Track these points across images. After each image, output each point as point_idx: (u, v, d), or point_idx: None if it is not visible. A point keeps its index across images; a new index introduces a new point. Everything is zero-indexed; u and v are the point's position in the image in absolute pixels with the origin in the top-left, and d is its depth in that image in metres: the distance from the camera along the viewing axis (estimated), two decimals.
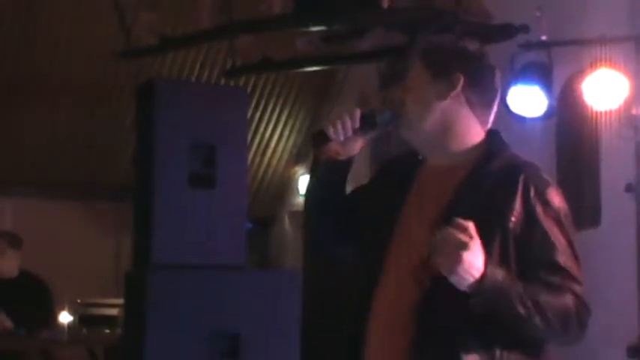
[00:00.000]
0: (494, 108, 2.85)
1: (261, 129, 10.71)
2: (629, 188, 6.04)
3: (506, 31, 6.37)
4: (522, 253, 2.61)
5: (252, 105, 10.22)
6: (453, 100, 2.75)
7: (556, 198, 2.68)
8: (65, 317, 7.70)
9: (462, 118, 2.76)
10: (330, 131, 2.79)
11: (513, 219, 2.61)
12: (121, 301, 6.59)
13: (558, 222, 2.65)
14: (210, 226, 5.09)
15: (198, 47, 9.33)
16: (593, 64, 5.99)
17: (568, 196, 2.86)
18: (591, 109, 6.16)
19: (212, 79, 9.67)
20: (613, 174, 6.51)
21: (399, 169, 2.87)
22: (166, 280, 4.93)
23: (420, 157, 2.85)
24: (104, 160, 10.04)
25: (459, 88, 2.74)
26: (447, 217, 2.57)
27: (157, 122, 5.06)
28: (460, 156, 2.76)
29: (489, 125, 2.84)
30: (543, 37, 6.21)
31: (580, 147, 7.02)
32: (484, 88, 2.80)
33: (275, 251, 11.45)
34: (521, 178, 2.65)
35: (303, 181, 11.06)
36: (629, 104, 6.01)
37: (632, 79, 5.96)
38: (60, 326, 7.67)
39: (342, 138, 2.81)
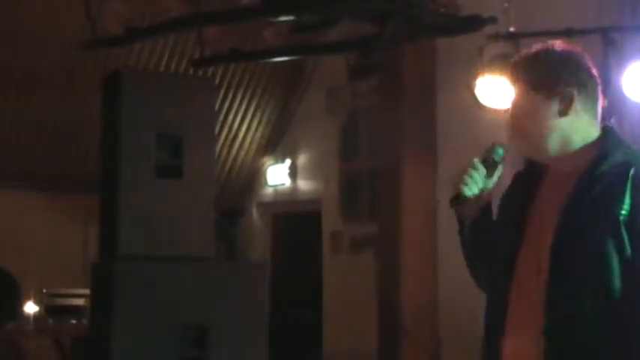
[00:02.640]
0: (600, 97, 2.97)
1: (230, 120, 10.67)
2: None
3: (475, 23, 6.37)
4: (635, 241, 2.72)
5: (221, 96, 10.18)
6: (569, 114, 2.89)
7: None
8: (31, 307, 7.66)
9: (578, 126, 2.89)
10: (466, 191, 2.94)
11: (624, 212, 2.73)
12: (87, 291, 6.56)
13: None
14: (178, 216, 5.06)
15: (167, 37, 9.28)
16: None
17: None
18: None
19: (180, 69, 9.61)
20: None
21: (526, 180, 3.01)
22: (133, 271, 4.90)
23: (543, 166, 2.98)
24: (71, 150, 9.96)
25: (576, 101, 2.87)
26: (562, 223, 2.78)
27: (123, 112, 5.02)
28: (579, 160, 2.88)
29: (599, 117, 2.95)
30: (512, 29, 6.23)
31: None
32: (589, 88, 2.94)
33: (243, 242, 11.43)
34: (631, 173, 2.77)
35: (271, 173, 11.05)
36: None
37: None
38: (26, 317, 7.63)
39: (476, 191, 2.96)
